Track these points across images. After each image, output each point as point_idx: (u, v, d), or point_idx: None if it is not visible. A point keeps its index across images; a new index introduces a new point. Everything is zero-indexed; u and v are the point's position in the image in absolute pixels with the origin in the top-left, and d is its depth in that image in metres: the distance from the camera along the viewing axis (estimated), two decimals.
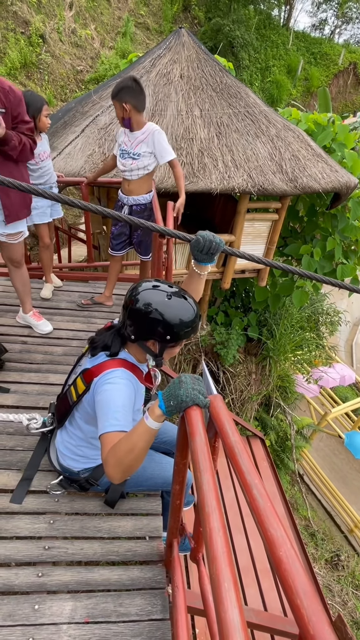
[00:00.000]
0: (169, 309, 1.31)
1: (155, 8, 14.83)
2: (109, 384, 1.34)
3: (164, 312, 1.30)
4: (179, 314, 1.31)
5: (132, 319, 1.35)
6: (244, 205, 4.34)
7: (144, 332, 1.35)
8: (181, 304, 1.33)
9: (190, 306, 1.35)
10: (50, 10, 11.11)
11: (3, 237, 2.22)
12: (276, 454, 6.26)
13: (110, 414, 1.27)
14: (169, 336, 1.33)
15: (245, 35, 14.68)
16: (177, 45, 4.55)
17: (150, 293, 1.33)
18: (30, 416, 1.82)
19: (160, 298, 1.32)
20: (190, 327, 1.34)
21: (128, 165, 2.49)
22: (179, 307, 1.32)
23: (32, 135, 2.07)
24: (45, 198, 1.22)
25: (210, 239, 1.39)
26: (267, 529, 0.69)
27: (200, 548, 1.38)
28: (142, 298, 1.33)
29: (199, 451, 0.87)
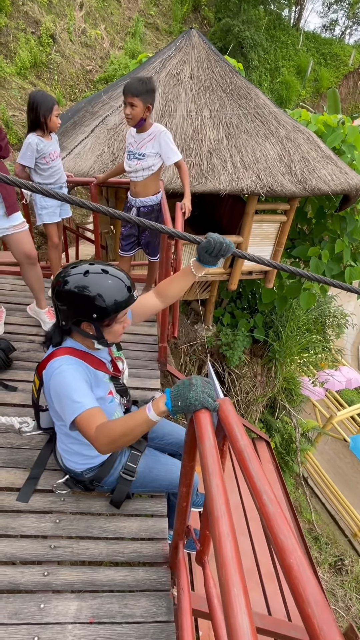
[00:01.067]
0: (86, 285, 1.27)
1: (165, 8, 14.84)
2: (55, 372, 1.33)
3: (82, 289, 1.27)
4: (99, 289, 1.27)
5: (57, 304, 1.34)
6: (252, 207, 4.32)
7: (70, 315, 1.33)
8: (99, 278, 1.28)
9: (112, 279, 1.30)
10: (61, 10, 11.17)
11: (9, 230, 2.25)
12: (281, 456, 6.23)
13: (70, 399, 1.28)
14: (95, 314, 1.29)
15: (255, 35, 14.63)
16: (187, 46, 4.55)
17: (68, 274, 1.31)
18: (22, 419, 1.83)
19: (77, 276, 1.29)
20: (114, 300, 1.29)
21: (133, 165, 2.50)
22: (97, 282, 1.28)
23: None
24: (55, 199, 1.23)
25: (220, 241, 1.36)
26: (277, 536, 0.69)
27: (206, 550, 1.37)
28: (61, 281, 1.31)
29: (208, 454, 0.87)
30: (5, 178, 1.16)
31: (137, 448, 1.66)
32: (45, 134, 2.60)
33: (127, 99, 2.28)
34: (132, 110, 2.31)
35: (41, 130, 2.57)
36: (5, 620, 1.29)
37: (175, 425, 1.89)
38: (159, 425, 1.84)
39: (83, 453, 1.55)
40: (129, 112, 2.32)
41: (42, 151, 2.59)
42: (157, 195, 2.66)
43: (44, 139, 2.59)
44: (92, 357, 1.46)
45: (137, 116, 2.34)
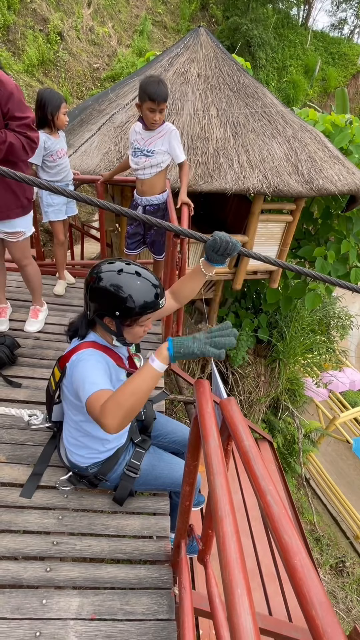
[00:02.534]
0: (117, 283, 1.29)
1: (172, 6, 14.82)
2: (80, 361, 1.36)
3: (111, 287, 1.29)
4: (128, 289, 1.29)
5: (87, 296, 1.37)
6: (258, 206, 4.31)
7: (96, 308, 1.36)
8: (131, 279, 1.30)
9: (143, 282, 1.32)
10: (69, 8, 11.18)
11: (1, 234, 2.21)
12: (283, 457, 6.22)
13: (87, 381, 1.29)
14: (118, 312, 1.31)
15: (263, 34, 14.58)
16: (195, 44, 4.54)
17: (104, 269, 1.33)
18: (31, 412, 1.84)
19: (111, 273, 1.31)
20: (140, 302, 1.30)
21: (141, 163, 2.48)
22: (128, 282, 1.30)
23: (26, 132, 1.91)
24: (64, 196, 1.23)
25: (227, 240, 1.36)
26: (282, 537, 0.68)
27: (209, 550, 1.37)
28: (95, 275, 1.33)
29: (213, 454, 0.87)
30: (14, 174, 1.17)
31: (141, 445, 1.67)
32: (52, 132, 2.60)
33: (160, 105, 2.28)
34: (161, 115, 2.33)
35: (49, 127, 2.57)
36: (7, 615, 1.30)
37: (179, 424, 1.89)
38: (163, 424, 1.84)
39: (91, 447, 1.56)
40: (159, 118, 2.33)
41: (49, 149, 2.59)
42: (163, 194, 2.65)
43: (52, 137, 2.59)
44: (114, 353, 1.48)
45: (160, 120, 2.35)
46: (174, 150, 2.47)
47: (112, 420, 1.14)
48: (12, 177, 1.17)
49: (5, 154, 1.88)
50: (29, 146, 1.94)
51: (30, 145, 1.95)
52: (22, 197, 2.16)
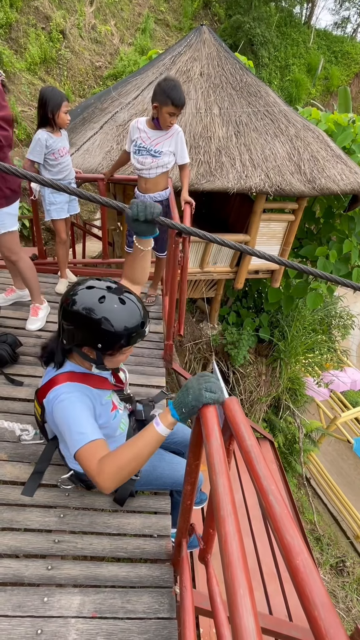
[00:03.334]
0: (99, 313, 1.17)
1: (175, 5, 14.78)
2: (59, 402, 1.26)
3: (92, 316, 1.17)
4: (112, 320, 1.18)
5: (63, 322, 1.24)
6: (260, 206, 4.30)
7: (74, 337, 1.24)
8: (114, 308, 1.19)
9: (128, 310, 1.21)
10: (71, 6, 11.16)
11: None
12: (284, 456, 6.23)
13: (74, 430, 1.21)
14: (100, 344, 1.21)
15: (266, 33, 14.53)
16: (197, 43, 4.53)
17: (83, 296, 1.20)
18: (23, 427, 1.83)
19: (91, 301, 1.18)
20: (125, 334, 1.20)
21: (147, 163, 2.47)
22: (111, 312, 1.18)
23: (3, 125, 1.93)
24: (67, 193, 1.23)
25: (142, 203, 1.26)
26: (284, 537, 0.68)
27: (210, 549, 1.37)
28: (70, 300, 1.20)
29: (215, 454, 0.87)
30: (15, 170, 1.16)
31: None
32: (54, 130, 2.60)
33: (179, 110, 2.31)
34: (173, 119, 2.35)
35: (50, 126, 2.57)
36: (9, 612, 1.31)
37: (180, 424, 1.89)
38: None
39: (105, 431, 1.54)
40: (175, 120, 2.36)
41: (50, 147, 2.59)
42: (166, 190, 2.65)
43: (53, 135, 2.59)
44: (92, 377, 1.39)
45: (173, 122, 2.37)
46: (181, 152, 2.49)
47: (111, 484, 1.13)
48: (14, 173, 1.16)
49: None
50: (7, 142, 1.99)
51: (8, 142, 2.00)
52: (4, 187, 2.16)
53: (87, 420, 1.25)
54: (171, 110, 2.29)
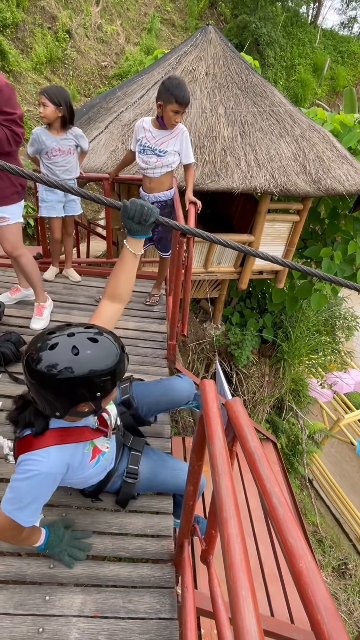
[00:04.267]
0: (82, 365, 1.06)
1: (181, 4, 14.76)
2: (24, 469, 1.13)
3: (79, 373, 1.05)
4: (97, 363, 1.09)
5: (44, 394, 1.08)
6: (265, 206, 4.29)
7: (67, 404, 1.11)
8: (94, 349, 1.09)
9: (105, 346, 1.12)
10: (77, 5, 11.18)
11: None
12: (286, 457, 6.21)
13: (16, 497, 1.13)
14: (99, 392, 1.12)
15: (272, 32, 14.48)
16: (203, 43, 4.52)
17: (53, 356, 1.05)
18: (11, 445, 1.73)
19: (66, 356, 1.05)
20: (115, 366, 1.12)
21: (152, 162, 2.47)
22: (94, 355, 1.08)
23: (11, 126, 2.00)
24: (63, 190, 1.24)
25: (140, 204, 1.23)
26: (287, 539, 0.68)
27: (212, 550, 1.37)
28: (47, 370, 1.04)
29: (218, 455, 0.86)
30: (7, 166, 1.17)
31: (135, 448, 1.62)
32: (53, 128, 2.60)
33: (184, 108, 2.30)
34: (181, 117, 2.35)
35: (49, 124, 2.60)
36: (11, 610, 1.31)
37: (157, 384, 1.81)
38: (143, 395, 1.75)
39: (83, 483, 1.48)
40: (180, 119, 2.36)
41: (42, 144, 2.61)
42: (170, 190, 2.64)
43: (50, 133, 2.60)
44: (79, 429, 1.25)
45: (178, 120, 2.36)
46: (186, 151, 2.48)
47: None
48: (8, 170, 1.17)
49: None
50: (13, 139, 2.04)
51: (15, 139, 2.05)
52: (17, 183, 2.22)
53: (35, 505, 1.16)
54: (175, 109, 2.28)
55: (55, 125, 2.60)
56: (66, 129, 2.64)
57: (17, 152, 2.20)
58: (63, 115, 2.56)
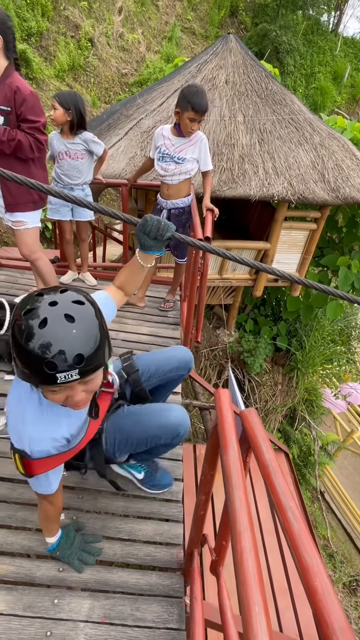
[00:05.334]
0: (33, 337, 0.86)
1: (202, 13, 14.91)
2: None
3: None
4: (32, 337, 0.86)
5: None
6: (282, 213, 4.27)
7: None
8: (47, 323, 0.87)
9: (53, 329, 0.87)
10: (100, 14, 11.41)
11: (10, 224, 2.33)
12: (298, 468, 6.11)
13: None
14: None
15: (292, 40, 14.48)
16: (223, 51, 4.55)
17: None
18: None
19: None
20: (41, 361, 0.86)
21: (170, 169, 2.49)
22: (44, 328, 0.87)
23: (35, 134, 2.07)
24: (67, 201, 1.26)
25: (157, 220, 1.24)
26: (302, 556, 0.67)
27: (222, 561, 1.35)
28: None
29: (232, 466, 0.86)
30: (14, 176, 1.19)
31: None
32: (65, 133, 2.67)
33: (201, 116, 2.31)
34: (198, 125, 2.36)
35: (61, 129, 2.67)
36: (20, 612, 1.32)
37: (161, 354, 1.73)
38: (147, 365, 1.65)
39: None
40: (197, 127, 2.36)
41: (53, 148, 2.69)
42: (188, 197, 2.66)
43: (62, 137, 2.67)
44: None
45: (195, 128, 2.37)
46: (204, 157, 2.49)
47: None
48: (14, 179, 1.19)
49: (14, 151, 2.07)
50: (36, 146, 2.11)
51: (37, 146, 2.12)
52: (34, 193, 2.26)
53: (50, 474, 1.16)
54: (191, 116, 2.30)
55: (65, 129, 2.65)
56: (75, 133, 2.66)
57: (43, 158, 2.25)
58: (72, 120, 2.59)
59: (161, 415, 1.46)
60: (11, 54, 2.02)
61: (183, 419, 1.46)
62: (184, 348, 1.77)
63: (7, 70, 2.01)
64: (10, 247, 4.95)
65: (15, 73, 2.04)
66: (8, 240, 6.22)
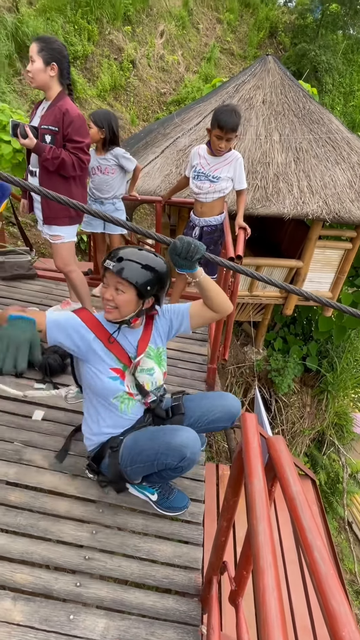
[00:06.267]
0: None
1: (241, 35, 15.21)
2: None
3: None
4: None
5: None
6: (316, 232, 4.21)
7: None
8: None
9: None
10: (143, 38, 11.88)
11: (47, 237, 2.42)
12: (324, 495, 5.84)
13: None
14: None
15: (331, 60, 14.47)
16: (262, 72, 4.61)
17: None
18: (67, 388, 1.91)
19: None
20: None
21: (205, 188, 2.52)
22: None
23: (78, 154, 2.16)
24: (100, 219, 1.29)
25: (188, 241, 1.28)
26: (329, 602, 0.63)
27: (242, 592, 1.30)
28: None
29: (257, 497, 0.83)
30: (48, 193, 1.23)
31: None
32: (98, 148, 2.78)
33: (227, 134, 2.32)
34: (227, 143, 2.38)
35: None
36: (36, 625, 1.31)
37: (215, 396, 1.75)
38: (194, 408, 1.70)
39: (93, 432, 1.62)
40: (224, 145, 2.38)
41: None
42: (221, 215, 2.67)
43: (95, 153, 2.77)
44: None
45: (226, 147, 2.39)
46: (239, 177, 2.51)
47: None
48: (48, 196, 1.22)
49: (57, 168, 2.16)
50: (78, 165, 2.20)
51: (80, 165, 2.20)
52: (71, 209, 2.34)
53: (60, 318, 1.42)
54: (218, 133, 2.32)
55: (98, 145, 2.77)
56: (107, 149, 2.77)
57: (84, 177, 2.35)
58: (105, 137, 2.71)
59: (170, 435, 1.47)
60: (65, 80, 2.17)
61: (191, 441, 1.44)
62: (234, 399, 1.72)
63: (60, 95, 2.16)
64: (47, 258, 5.13)
65: (66, 97, 2.18)
66: (45, 252, 6.45)
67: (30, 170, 2.31)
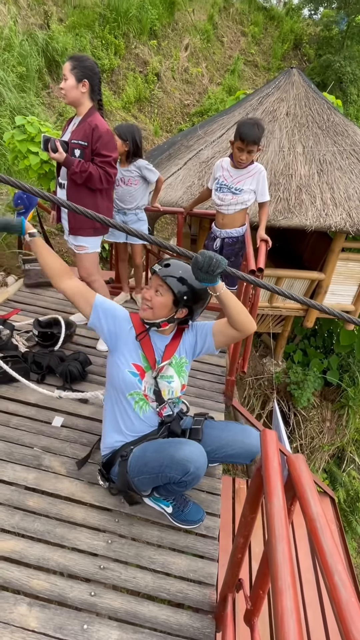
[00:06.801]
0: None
1: (265, 47, 15.32)
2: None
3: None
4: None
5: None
6: (339, 244, 4.15)
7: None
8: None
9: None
10: (168, 51, 12.13)
11: (73, 246, 2.48)
12: (343, 514, 5.66)
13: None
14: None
15: (357, 70, 14.37)
16: (286, 84, 4.62)
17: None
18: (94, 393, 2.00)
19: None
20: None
21: (227, 200, 2.54)
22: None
23: (105, 167, 2.22)
24: (124, 232, 1.33)
25: (209, 256, 1.30)
26: (350, 630, 0.61)
27: (257, 612, 1.27)
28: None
29: (276, 516, 0.82)
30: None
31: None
32: (122, 160, 2.82)
33: (248, 146, 2.35)
34: (248, 155, 2.40)
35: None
36: (50, 632, 1.32)
37: (237, 430, 1.72)
38: (215, 437, 1.69)
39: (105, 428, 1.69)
40: (245, 158, 2.41)
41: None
42: (243, 227, 2.68)
43: (119, 165, 2.81)
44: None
45: (247, 159, 2.41)
46: (261, 189, 2.52)
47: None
48: (73, 209, 1.27)
49: (85, 181, 2.23)
50: (105, 178, 2.26)
51: (107, 178, 2.27)
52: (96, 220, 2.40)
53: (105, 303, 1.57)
54: (239, 145, 2.35)
55: (122, 158, 2.82)
56: (130, 161, 2.82)
57: (110, 190, 2.41)
58: (128, 149, 2.76)
59: (175, 448, 1.46)
60: (95, 96, 2.26)
61: (195, 455, 1.43)
62: (256, 437, 1.67)
63: (90, 110, 2.24)
64: (71, 266, 5.24)
65: (96, 113, 2.25)
66: (69, 260, 6.59)
67: (59, 182, 2.38)
